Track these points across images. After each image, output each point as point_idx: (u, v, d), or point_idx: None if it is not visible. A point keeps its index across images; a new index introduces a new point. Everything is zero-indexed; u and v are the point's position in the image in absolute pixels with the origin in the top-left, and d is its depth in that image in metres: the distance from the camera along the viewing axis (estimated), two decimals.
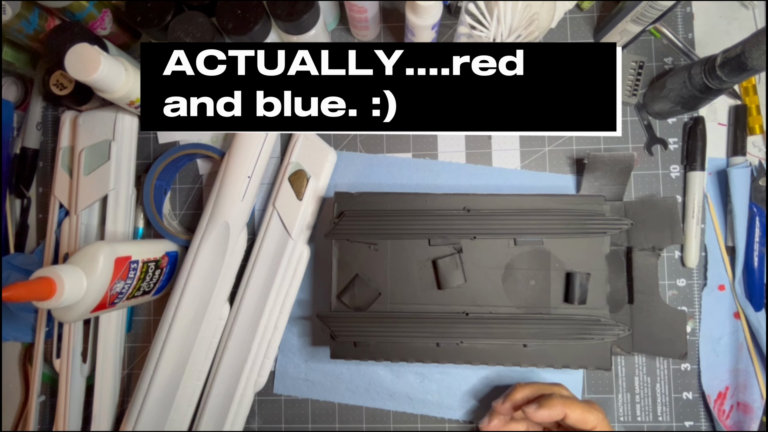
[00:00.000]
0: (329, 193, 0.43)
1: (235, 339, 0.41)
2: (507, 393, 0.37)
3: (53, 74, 0.42)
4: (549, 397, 0.34)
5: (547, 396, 0.35)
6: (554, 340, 0.36)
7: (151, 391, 0.40)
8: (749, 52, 0.32)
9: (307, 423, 0.43)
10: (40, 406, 0.45)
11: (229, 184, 0.40)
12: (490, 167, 0.44)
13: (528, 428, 0.38)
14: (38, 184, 0.47)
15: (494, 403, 0.38)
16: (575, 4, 0.43)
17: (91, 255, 0.35)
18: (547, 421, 0.34)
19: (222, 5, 0.37)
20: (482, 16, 0.35)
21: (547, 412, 0.33)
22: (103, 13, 0.42)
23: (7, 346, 0.47)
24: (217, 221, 0.40)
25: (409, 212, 0.38)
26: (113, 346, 0.43)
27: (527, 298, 0.37)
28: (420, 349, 0.37)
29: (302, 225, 0.41)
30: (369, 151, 0.45)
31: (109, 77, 0.35)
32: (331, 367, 0.43)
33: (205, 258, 0.40)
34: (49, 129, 0.47)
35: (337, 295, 0.38)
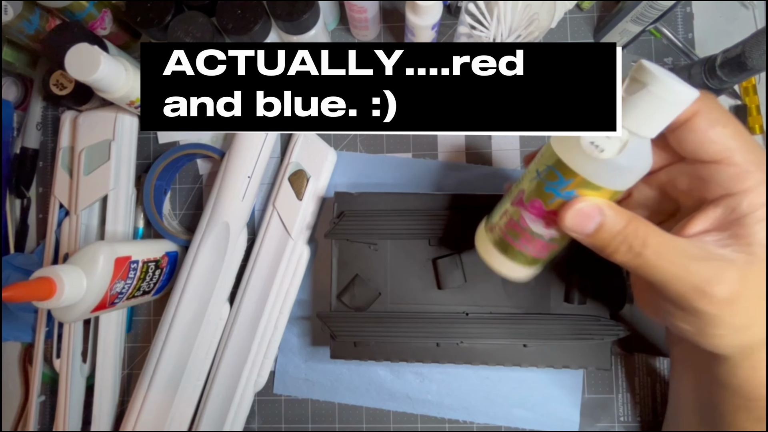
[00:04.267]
0: (329, 193, 0.43)
1: (235, 339, 0.41)
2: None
3: (53, 74, 0.42)
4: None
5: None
6: (554, 340, 0.36)
7: (151, 391, 0.40)
8: (749, 52, 0.32)
9: (307, 423, 0.43)
10: (40, 406, 0.45)
11: (229, 184, 0.40)
12: (490, 167, 0.44)
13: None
14: (38, 184, 0.47)
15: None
16: (575, 4, 0.43)
17: (91, 255, 0.35)
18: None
19: (222, 5, 0.37)
20: (482, 16, 0.35)
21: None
22: (103, 13, 0.42)
23: (7, 346, 0.46)
24: (217, 221, 0.40)
25: (409, 212, 0.38)
26: (113, 346, 0.43)
27: (527, 298, 0.37)
28: (420, 349, 0.37)
29: (302, 225, 0.41)
30: (369, 151, 0.45)
31: (109, 77, 0.35)
32: (331, 367, 0.43)
33: (205, 258, 0.40)
34: (49, 129, 0.47)
35: (337, 295, 0.38)
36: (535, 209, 0.25)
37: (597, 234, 0.24)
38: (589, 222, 0.24)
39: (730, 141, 0.24)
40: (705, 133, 0.24)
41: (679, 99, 0.22)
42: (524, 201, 0.26)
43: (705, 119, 0.24)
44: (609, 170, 0.23)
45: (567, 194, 0.24)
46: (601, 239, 0.24)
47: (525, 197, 0.26)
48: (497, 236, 0.28)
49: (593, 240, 0.24)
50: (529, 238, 0.27)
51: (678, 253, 0.23)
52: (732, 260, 0.23)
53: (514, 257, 0.28)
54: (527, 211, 0.26)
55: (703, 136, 0.24)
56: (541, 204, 0.25)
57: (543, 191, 0.25)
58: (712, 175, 0.24)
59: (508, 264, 0.28)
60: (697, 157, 0.25)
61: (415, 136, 0.44)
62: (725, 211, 0.24)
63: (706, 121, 0.24)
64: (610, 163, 0.22)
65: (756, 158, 0.23)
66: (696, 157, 0.25)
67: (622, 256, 0.24)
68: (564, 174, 0.24)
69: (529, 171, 0.26)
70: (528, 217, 0.26)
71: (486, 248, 0.29)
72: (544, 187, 0.25)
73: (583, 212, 0.23)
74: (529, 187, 0.26)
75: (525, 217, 0.26)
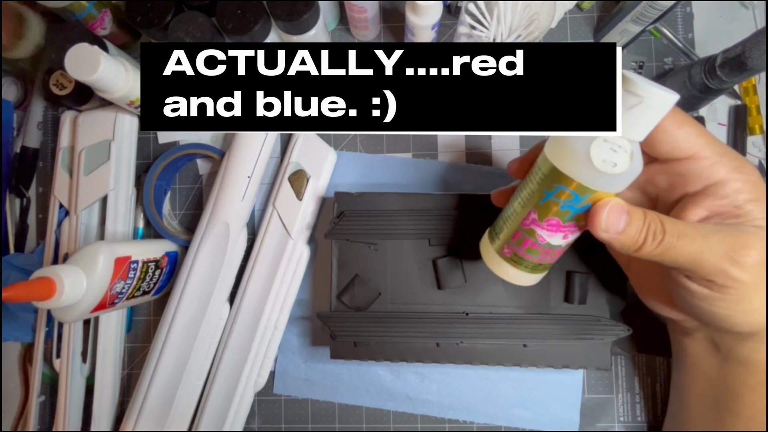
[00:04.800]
0: (329, 193, 0.43)
1: (235, 339, 0.41)
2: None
3: (53, 74, 0.42)
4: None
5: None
6: (554, 340, 0.36)
7: (151, 391, 0.40)
8: (749, 52, 0.32)
9: (307, 423, 0.43)
10: (40, 406, 0.45)
11: (229, 184, 0.40)
12: (489, 167, 0.44)
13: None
14: (38, 184, 0.47)
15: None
16: (575, 4, 0.43)
17: (91, 255, 0.35)
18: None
19: (222, 5, 0.37)
20: (482, 16, 0.35)
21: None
22: (103, 13, 0.42)
23: (7, 346, 0.46)
24: (217, 221, 0.40)
25: (409, 212, 0.37)
26: (113, 346, 0.43)
27: (527, 298, 0.37)
28: (420, 349, 0.37)
29: (302, 225, 0.41)
30: (369, 151, 0.45)
31: (109, 77, 0.35)
32: (331, 367, 0.43)
33: (205, 258, 0.40)
34: (49, 129, 0.47)
35: (337, 295, 0.38)
36: (552, 226, 0.27)
37: (626, 229, 0.25)
38: (620, 220, 0.25)
39: (697, 138, 0.26)
40: (675, 134, 0.26)
41: (665, 104, 0.24)
42: (539, 221, 0.27)
43: (672, 121, 0.26)
44: (618, 179, 0.24)
45: (584, 207, 0.25)
46: (630, 234, 0.25)
47: (539, 218, 0.27)
48: (509, 251, 0.29)
49: (624, 236, 0.25)
50: (547, 251, 0.28)
51: (697, 230, 0.25)
52: (753, 232, 0.25)
53: (528, 268, 0.29)
54: (544, 230, 0.27)
55: (674, 136, 0.26)
56: (558, 221, 0.26)
57: (559, 210, 0.26)
58: (689, 169, 0.27)
59: (521, 275, 0.29)
60: (671, 156, 0.27)
61: (415, 136, 0.44)
62: (715, 198, 0.26)
63: (674, 123, 0.26)
64: (621, 173, 0.24)
65: (720, 149, 0.26)
66: (670, 156, 0.27)
67: (648, 246, 0.25)
68: (579, 192, 0.25)
69: (532, 191, 0.27)
70: (546, 234, 0.27)
71: (497, 264, 0.30)
72: (559, 207, 0.26)
73: (613, 213, 0.25)
74: (542, 210, 0.26)
75: (542, 234, 0.27)
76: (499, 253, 0.29)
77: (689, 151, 0.26)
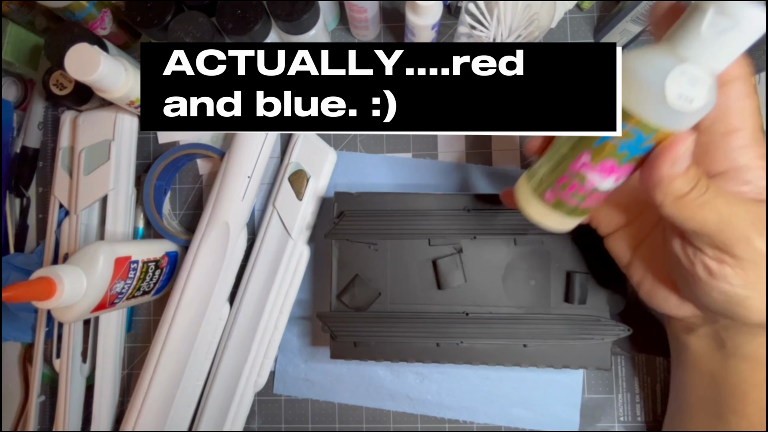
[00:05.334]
0: (329, 193, 0.43)
1: (235, 339, 0.41)
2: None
3: (53, 74, 0.42)
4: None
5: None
6: (554, 340, 0.36)
7: (151, 391, 0.40)
8: (749, 52, 0.32)
9: (307, 423, 0.43)
10: (40, 406, 0.45)
11: (229, 184, 0.40)
12: (489, 167, 0.44)
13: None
14: (38, 184, 0.47)
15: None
16: (575, 4, 0.43)
17: (91, 255, 0.35)
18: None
19: (222, 5, 0.37)
20: (482, 16, 0.35)
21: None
22: (103, 13, 0.42)
23: (7, 346, 0.47)
24: (217, 221, 0.40)
25: (409, 212, 0.38)
26: (113, 346, 0.43)
27: (527, 298, 0.37)
28: (420, 349, 0.37)
29: (302, 225, 0.41)
30: (369, 151, 0.45)
31: (109, 77, 0.35)
32: (331, 367, 0.43)
33: (205, 258, 0.40)
34: (49, 129, 0.47)
35: (337, 295, 0.38)
36: (606, 169, 0.25)
37: (687, 172, 0.23)
38: (685, 161, 0.23)
39: (749, 118, 0.24)
40: (734, 104, 0.24)
41: (760, 28, 0.20)
42: (591, 164, 0.25)
43: (740, 89, 0.24)
44: (691, 117, 0.22)
45: (645, 148, 0.23)
46: (689, 177, 0.23)
47: (591, 160, 0.25)
48: (551, 197, 0.27)
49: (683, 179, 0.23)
50: (594, 196, 0.26)
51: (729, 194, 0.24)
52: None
53: (569, 212, 0.27)
54: (596, 173, 0.25)
55: (731, 105, 0.24)
56: (613, 163, 0.24)
57: (616, 152, 0.24)
58: (718, 147, 0.25)
59: (561, 220, 0.28)
60: (710, 124, 0.25)
61: (415, 136, 0.44)
62: (738, 183, 0.25)
63: (741, 93, 0.24)
64: (696, 110, 0.21)
65: (758, 135, 0.25)
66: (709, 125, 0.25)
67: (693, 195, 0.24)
68: (644, 131, 0.23)
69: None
70: (596, 178, 0.25)
71: (537, 210, 0.28)
72: (617, 148, 0.24)
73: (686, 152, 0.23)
74: (597, 152, 0.25)
75: (592, 178, 0.25)
76: (539, 199, 0.28)
77: (732, 127, 0.24)
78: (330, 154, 0.42)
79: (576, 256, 0.37)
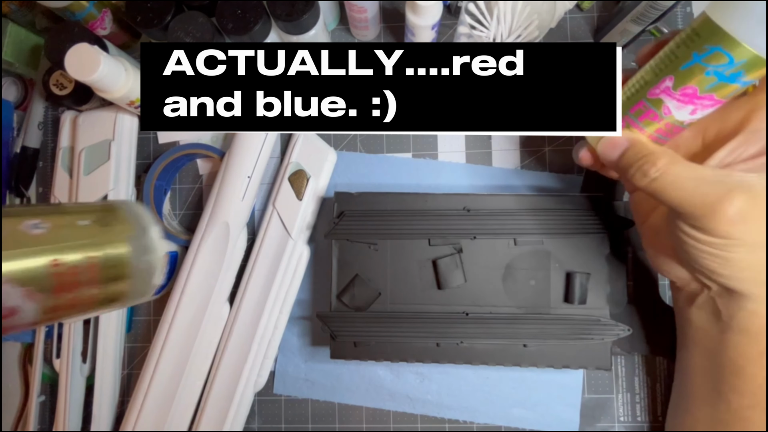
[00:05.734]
0: (329, 193, 0.43)
1: (235, 339, 0.41)
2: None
3: (53, 74, 0.42)
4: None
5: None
6: (554, 340, 0.36)
7: (151, 391, 0.40)
8: None
9: (307, 423, 0.43)
10: (40, 406, 0.45)
11: (229, 184, 0.40)
12: (490, 167, 0.44)
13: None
14: (38, 184, 0.47)
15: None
16: (575, 4, 0.43)
17: None
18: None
19: (222, 5, 0.37)
20: (482, 16, 0.35)
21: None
22: (103, 13, 0.42)
23: (7, 346, 0.47)
24: (217, 221, 0.40)
25: (409, 212, 0.38)
26: (113, 346, 0.43)
27: (527, 298, 0.37)
28: (420, 349, 0.37)
29: (302, 225, 0.41)
30: (369, 151, 0.45)
31: (109, 77, 0.35)
32: (331, 367, 0.43)
33: (205, 258, 0.40)
34: (49, 129, 0.47)
35: (337, 295, 0.38)
36: (686, 96, 0.24)
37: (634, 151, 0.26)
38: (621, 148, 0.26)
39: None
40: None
41: None
42: (672, 89, 0.24)
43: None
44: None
45: (732, 75, 0.23)
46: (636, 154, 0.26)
47: (674, 85, 0.24)
48: (622, 124, 0.27)
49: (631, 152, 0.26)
50: (667, 126, 0.26)
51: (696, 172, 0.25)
52: (751, 184, 0.24)
53: None
54: (675, 100, 0.25)
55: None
56: (695, 90, 0.24)
57: (703, 77, 0.23)
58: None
59: None
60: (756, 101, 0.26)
61: (415, 136, 0.44)
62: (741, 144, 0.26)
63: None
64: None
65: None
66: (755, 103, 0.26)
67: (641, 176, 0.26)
68: (737, 56, 0.22)
69: (675, 55, 0.24)
70: (674, 106, 0.25)
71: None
72: (704, 73, 0.23)
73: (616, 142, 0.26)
74: (681, 76, 0.24)
75: (670, 105, 0.25)
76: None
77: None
78: (330, 154, 0.42)
79: (576, 256, 0.37)
